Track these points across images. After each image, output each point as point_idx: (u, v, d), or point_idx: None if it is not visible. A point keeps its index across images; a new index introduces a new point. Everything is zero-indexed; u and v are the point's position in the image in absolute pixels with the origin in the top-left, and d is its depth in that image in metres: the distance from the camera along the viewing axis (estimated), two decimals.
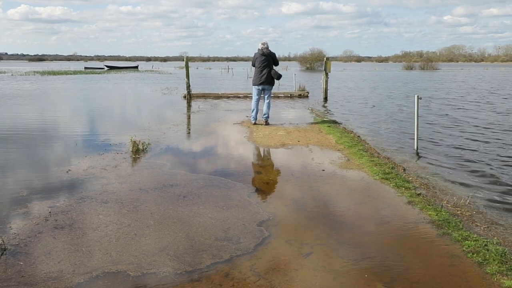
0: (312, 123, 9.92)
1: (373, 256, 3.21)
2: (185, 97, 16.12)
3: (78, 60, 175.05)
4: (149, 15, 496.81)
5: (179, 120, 10.43)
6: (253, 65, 9.48)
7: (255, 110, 9.53)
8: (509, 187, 5.34)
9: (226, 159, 6.35)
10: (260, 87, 9.33)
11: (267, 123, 9.43)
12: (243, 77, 37.05)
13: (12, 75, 37.29)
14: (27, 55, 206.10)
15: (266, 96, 9.47)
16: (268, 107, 9.50)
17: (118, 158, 6.25)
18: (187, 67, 16.53)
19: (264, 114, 9.46)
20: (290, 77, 23.97)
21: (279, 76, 9.34)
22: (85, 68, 60.31)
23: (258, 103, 9.54)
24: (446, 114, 12.35)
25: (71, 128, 9.47)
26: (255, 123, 9.50)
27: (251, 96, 10.16)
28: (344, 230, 3.70)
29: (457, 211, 4.24)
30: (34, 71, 43.96)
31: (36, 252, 3.25)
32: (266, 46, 9.24)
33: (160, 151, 6.81)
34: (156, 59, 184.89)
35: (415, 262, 3.13)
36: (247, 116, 10.82)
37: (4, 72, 42.66)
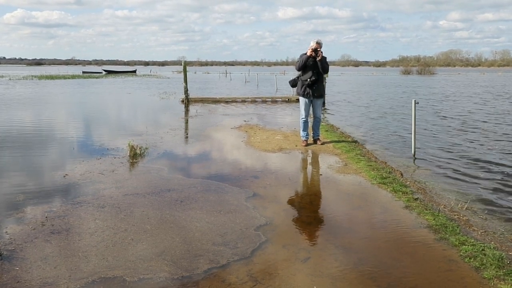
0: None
1: (371, 261, 3.21)
2: (183, 101, 16.15)
3: (76, 64, 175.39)
4: (145, 19, 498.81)
5: (176, 124, 10.43)
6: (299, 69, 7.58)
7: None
8: (506, 192, 5.35)
9: (223, 163, 6.34)
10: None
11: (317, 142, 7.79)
12: (241, 81, 37.13)
13: (10, 79, 37.24)
14: (25, 59, 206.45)
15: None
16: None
17: (115, 163, 6.23)
18: (185, 71, 16.56)
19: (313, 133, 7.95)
20: (287, 81, 23.98)
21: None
22: (83, 72, 60.33)
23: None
24: (444, 118, 12.39)
25: (68, 132, 9.45)
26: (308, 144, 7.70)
27: (248, 100, 9.96)
28: (341, 235, 3.70)
29: (455, 215, 4.24)
30: (32, 75, 43.91)
31: (32, 257, 3.23)
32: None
33: (158, 155, 6.80)
34: (154, 63, 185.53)
35: (412, 267, 3.13)
36: (245, 121, 10.82)
37: (2, 77, 42.58)
